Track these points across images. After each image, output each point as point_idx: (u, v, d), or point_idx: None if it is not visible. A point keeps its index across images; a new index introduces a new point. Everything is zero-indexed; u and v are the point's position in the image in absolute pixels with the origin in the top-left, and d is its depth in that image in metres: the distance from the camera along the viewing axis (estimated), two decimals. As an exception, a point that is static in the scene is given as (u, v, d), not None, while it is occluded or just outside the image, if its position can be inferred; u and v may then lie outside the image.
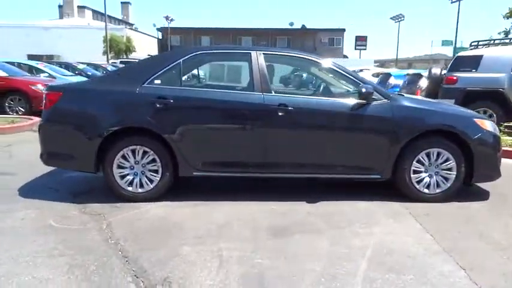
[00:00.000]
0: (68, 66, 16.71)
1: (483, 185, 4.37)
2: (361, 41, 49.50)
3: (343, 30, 56.48)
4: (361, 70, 17.18)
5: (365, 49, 50.16)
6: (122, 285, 2.41)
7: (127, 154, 3.77)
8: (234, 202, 3.84)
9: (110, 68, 21.36)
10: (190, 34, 56.37)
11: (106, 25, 27.95)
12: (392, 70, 16.55)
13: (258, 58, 3.88)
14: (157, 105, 3.71)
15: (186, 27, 56.09)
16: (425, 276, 2.54)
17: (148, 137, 3.75)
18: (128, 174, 3.80)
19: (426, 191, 3.93)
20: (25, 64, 13.46)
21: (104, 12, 27.04)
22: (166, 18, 41.06)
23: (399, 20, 41.42)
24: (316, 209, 3.71)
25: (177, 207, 3.72)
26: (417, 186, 3.92)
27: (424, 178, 3.92)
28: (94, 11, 55.69)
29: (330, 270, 2.60)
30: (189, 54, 3.95)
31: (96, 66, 20.13)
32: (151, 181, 3.82)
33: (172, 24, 48.49)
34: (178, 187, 4.11)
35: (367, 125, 3.86)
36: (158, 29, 56.63)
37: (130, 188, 3.81)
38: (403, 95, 4.46)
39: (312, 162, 3.90)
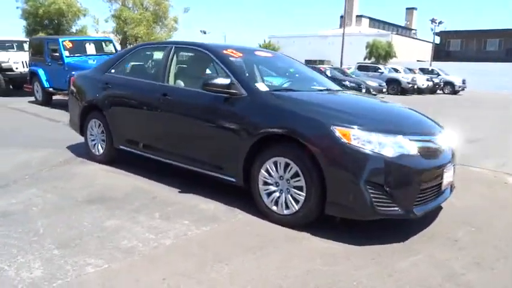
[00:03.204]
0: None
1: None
2: None
3: None
4: None
5: None
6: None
7: (92, 124, 4.98)
8: (157, 183, 4.18)
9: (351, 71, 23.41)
10: (473, 37, 50.06)
11: (343, 32, 29.29)
12: None
13: (168, 51, 4.21)
14: (103, 89, 4.72)
15: (468, 30, 50.26)
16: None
17: (100, 112, 4.82)
18: (94, 140, 5.01)
19: (274, 208, 3.21)
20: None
21: (380, 19, 27.98)
22: (432, 21, 37.99)
23: None
24: (172, 198, 3.73)
25: (115, 173, 4.51)
26: (266, 201, 3.26)
27: (273, 193, 3.22)
28: (371, 19, 58.09)
29: (54, 234, 3.00)
30: (135, 49, 4.73)
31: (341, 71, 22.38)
32: (102, 148, 4.89)
33: (454, 28, 44.55)
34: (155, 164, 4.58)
35: (219, 120, 3.54)
36: (436, 34, 53.12)
37: (93, 150, 5.01)
38: (289, 90, 3.76)
39: (181, 152, 3.92)
